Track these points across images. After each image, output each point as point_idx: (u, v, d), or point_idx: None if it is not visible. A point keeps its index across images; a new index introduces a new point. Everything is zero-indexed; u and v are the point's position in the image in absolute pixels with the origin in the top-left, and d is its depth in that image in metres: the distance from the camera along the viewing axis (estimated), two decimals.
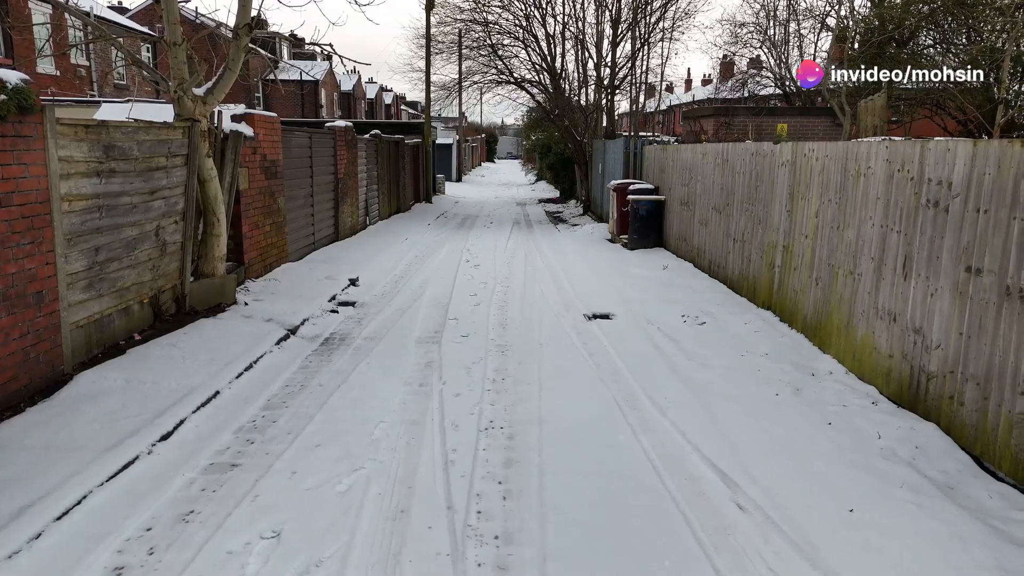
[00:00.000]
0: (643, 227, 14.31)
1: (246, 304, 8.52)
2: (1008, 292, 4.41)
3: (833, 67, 18.09)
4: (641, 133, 31.40)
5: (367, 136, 18.30)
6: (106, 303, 6.35)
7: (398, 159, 22.62)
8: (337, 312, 8.94)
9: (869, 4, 19.55)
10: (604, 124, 22.96)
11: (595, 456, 4.78)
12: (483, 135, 78.71)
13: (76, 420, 5.06)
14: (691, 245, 12.27)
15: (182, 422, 5.23)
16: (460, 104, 34.18)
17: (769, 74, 22.80)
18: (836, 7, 18.96)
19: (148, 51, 31.43)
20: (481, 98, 31.93)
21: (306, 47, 50.88)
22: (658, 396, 5.99)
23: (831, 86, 18.64)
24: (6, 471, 4.30)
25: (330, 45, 9.40)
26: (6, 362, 5.10)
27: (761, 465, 4.62)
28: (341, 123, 15.16)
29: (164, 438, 4.95)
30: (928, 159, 5.30)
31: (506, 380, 6.32)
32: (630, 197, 14.48)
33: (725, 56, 56.04)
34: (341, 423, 5.32)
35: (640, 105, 25.32)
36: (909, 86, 17.69)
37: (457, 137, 46.48)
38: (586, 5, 22.08)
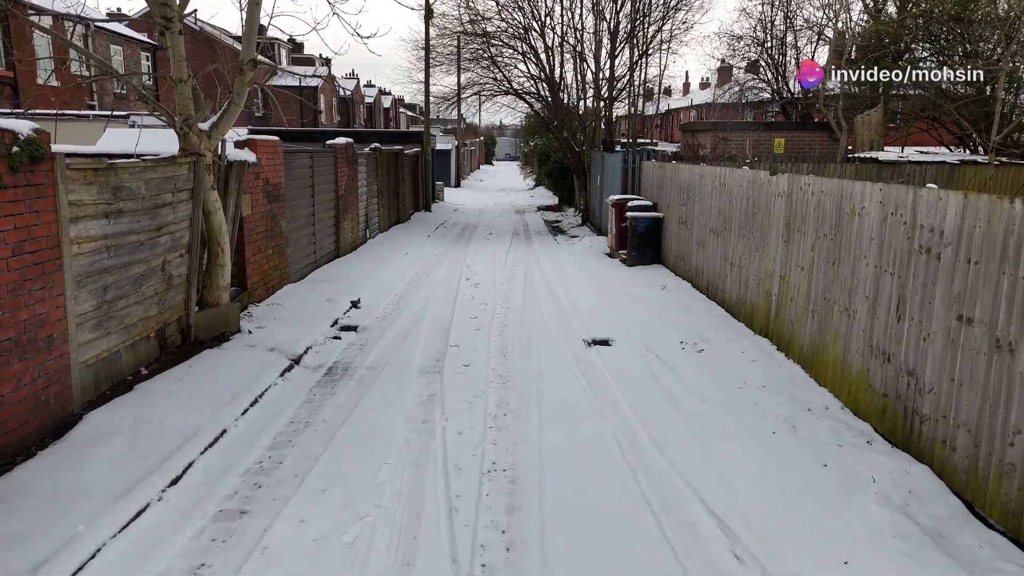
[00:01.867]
0: (641, 244, 14.42)
1: (250, 332, 8.63)
2: (998, 345, 4.52)
3: (832, 67, 18.24)
4: (640, 140, 31.57)
5: (367, 150, 18.41)
6: (114, 340, 6.46)
7: (397, 170, 22.72)
8: (340, 338, 9.05)
9: (866, 17, 19.69)
10: (603, 135, 23.10)
11: (595, 501, 4.89)
12: (481, 138, 78.90)
13: (86, 464, 5.16)
14: (689, 265, 12.38)
15: (191, 464, 5.34)
16: (459, 114, 34.26)
17: (766, 84, 22.91)
18: (834, 20, 19.11)
19: (148, 60, 31.54)
20: (480, 106, 31.93)
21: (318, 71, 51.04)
22: (657, 432, 6.10)
23: (829, 91, 18.80)
24: (19, 521, 4.40)
25: (343, 71, 9.47)
26: (18, 407, 5.20)
27: (758, 511, 4.73)
28: (341, 140, 15.27)
29: (173, 483, 5.05)
30: (920, 206, 5.41)
31: (507, 416, 6.43)
32: (629, 214, 14.59)
33: (723, 60, 56.05)
34: (346, 464, 5.42)
35: (638, 117, 25.46)
36: (908, 86, 17.83)
37: (456, 142, 46.60)
38: (584, 17, 22.12)
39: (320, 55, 61.53)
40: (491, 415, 6.44)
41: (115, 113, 18.43)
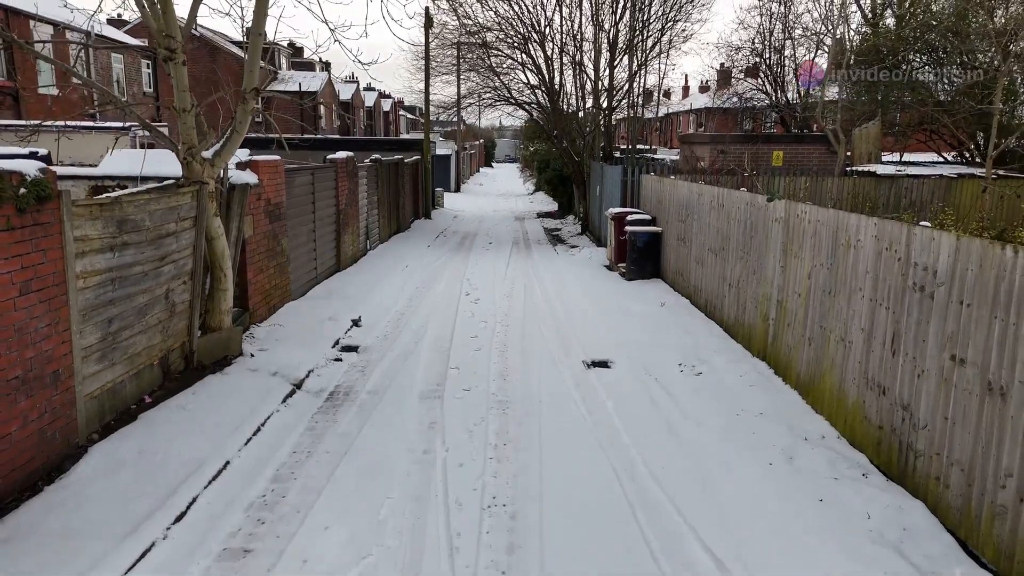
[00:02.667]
0: (640, 258, 14.49)
1: (252, 355, 8.70)
2: (990, 388, 4.59)
3: (831, 76, 18.31)
4: (639, 147, 31.63)
5: (367, 161, 18.49)
6: (118, 370, 6.53)
7: (398, 179, 22.81)
8: (341, 360, 9.11)
9: (866, 29, 19.75)
10: (602, 144, 23.19)
11: (595, 540, 4.96)
12: (481, 140, 78.94)
13: (92, 500, 5.23)
14: (688, 281, 12.45)
15: (195, 499, 5.41)
16: (459, 122, 34.32)
17: (765, 96, 22.98)
18: (833, 31, 19.18)
19: (148, 67, 31.61)
20: (480, 114, 31.97)
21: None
22: (655, 464, 6.17)
23: (829, 99, 18.86)
24: (28, 564, 4.47)
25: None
26: (24, 444, 5.28)
27: (756, 551, 4.80)
28: (342, 154, 15.35)
29: (178, 519, 5.12)
30: (914, 244, 5.49)
31: (507, 446, 6.50)
32: (628, 228, 14.67)
33: (722, 65, 56.19)
34: (348, 499, 5.49)
35: (638, 124, 25.53)
36: (904, 92, 17.91)
37: (456, 147, 46.70)
38: (584, 27, 22.20)
39: (320, 58, 61.60)
40: (491, 445, 6.52)
41: (117, 125, 18.49)
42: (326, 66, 58.22)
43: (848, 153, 17.31)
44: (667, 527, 5.14)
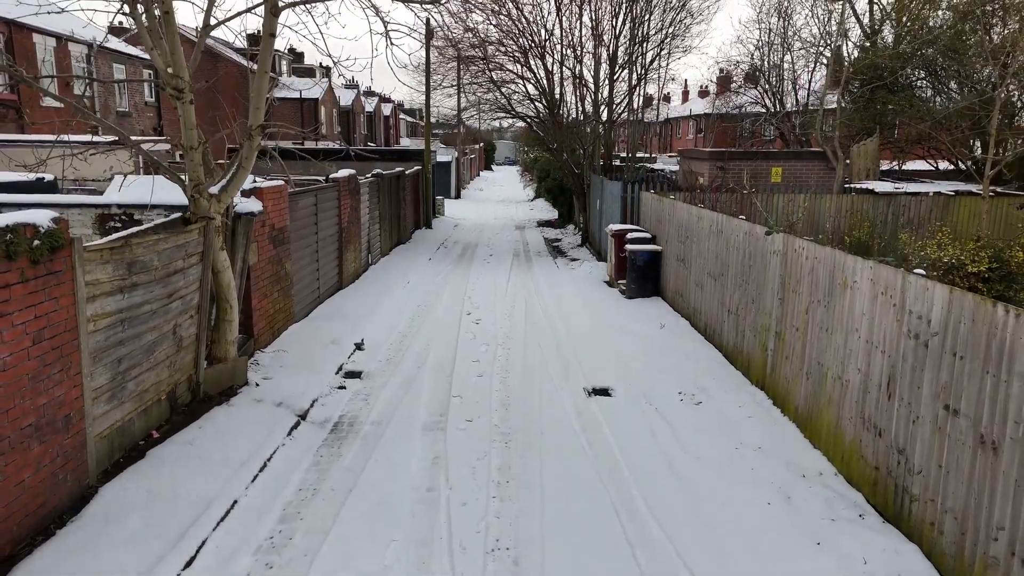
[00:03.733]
0: (640, 277, 14.60)
1: (257, 385, 8.81)
2: (982, 441, 4.71)
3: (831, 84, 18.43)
4: (639, 155, 31.72)
5: (369, 176, 18.60)
6: (127, 408, 6.64)
7: (399, 191, 22.93)
8: (345, 388, 9.22)
9: (866, 42, 19.86)
10: (602, 153, 23.33)
11: None
12: (481, 144, 79.04)
13: (103, 546, 5.33)
14: (687, 302, 12.56)
15: (204, 542, 5.51)
16: (459, 132, 34.46)
17: (764, 107, 23.10)
18: (832, 46, 19.28)
19: (150, 76, 31.69)
20: (480, 123, 32.08)
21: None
22: (655, 501, 6.29)
23: (827, 110, 18.97)
24: None
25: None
26: (37, 488, 5.38)
27: None
28: (344, 172, 15.46)
29: (188, 564, 5.23)
30: (909, 292, 5.60)
31: (510, 483, 6.60)
32: (628, 247, 14.78)
33: (722, 71, 56.21)
34: (354, 541, 5.60)
35: (638, 131, 25.66)
36: (904, 110, 18.05)
37: (456, 154, 46.84)
38: (584, 41, 22.32)
39: (320, 64, 61.66)
40: (494, 482, 6.62)
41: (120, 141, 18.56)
42: (327, 71, 58.37)
43: (847, 164, 17.42)
44: (666, 570, 5.25)
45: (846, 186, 16.89)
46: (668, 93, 59.85)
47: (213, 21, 7.89)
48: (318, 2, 7.64)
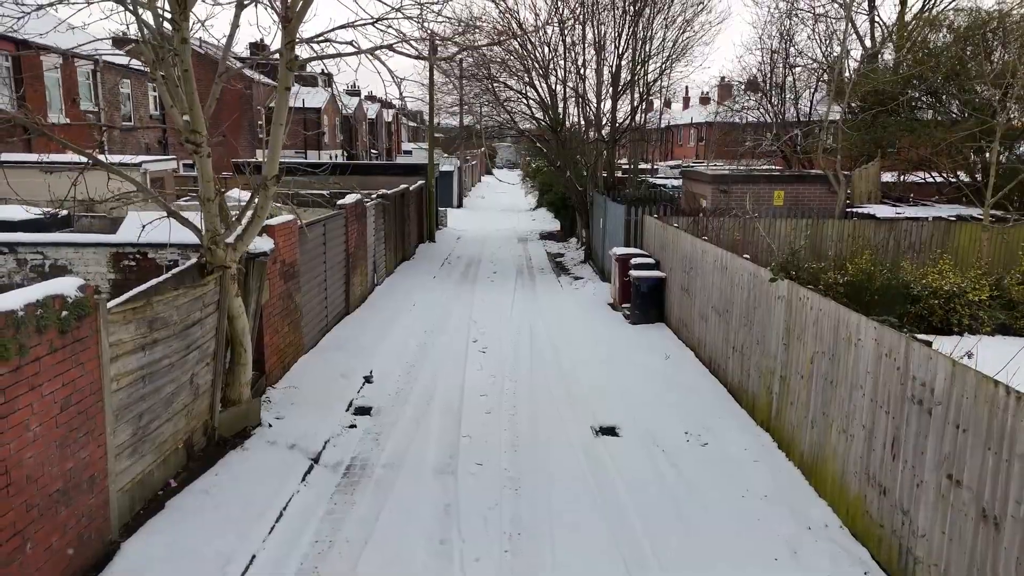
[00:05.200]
0: (644, 303, 14.76)
1: (270, 425, 8.95)
2: (984, 515, 4.85)
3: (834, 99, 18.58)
4: (640, 166, 31.82)
5: (375, 197, 18.75)
6: (147, 460, 6.78)
7: (403, 209, 23.10)
8: (355, 426, 9.35)
9: (865, 67, 20.00)
10: (604, 172, 23.51)
11: None
12: (483, 148, 79.19)
13: None
14: (691, 333, 12.71)
15: None
16: (462, 148, 34.60)
17: (767, 128, 23.25)
18: (836, 67, 19.43)
19: (154, 91, 31.85)
20: (483, 136, 32.24)
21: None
22: (664, 552, 6.44)
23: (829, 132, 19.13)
24: None
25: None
26: (63, 551, 5.52)
27: None
28: (351, 198, 15.62)
29: None
30: (912, 358, 5.75)
31: (521, 535, 6.74)
32: (632, 273, 14.93)
33: (723, 78, 56.17)
34: None
35: (640, 146, 25.81)
36: (904, 130, 18.21)
37: (458, 163, 47.04)
38: (587, 61, 22.49)
39: (323, 71, 61.78)
40: (506, 534, 6.76)
41: (125, 162, 18.74)
42: (328, 78, 58.47)
43: (848, 193, 17.58)
44: None
45: (848, 210, 17.05)
46: (669, 98, 60.12)
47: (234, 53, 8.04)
48: (333, 58, 7.79)
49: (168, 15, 7.06)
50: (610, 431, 9.28)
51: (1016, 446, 4.55)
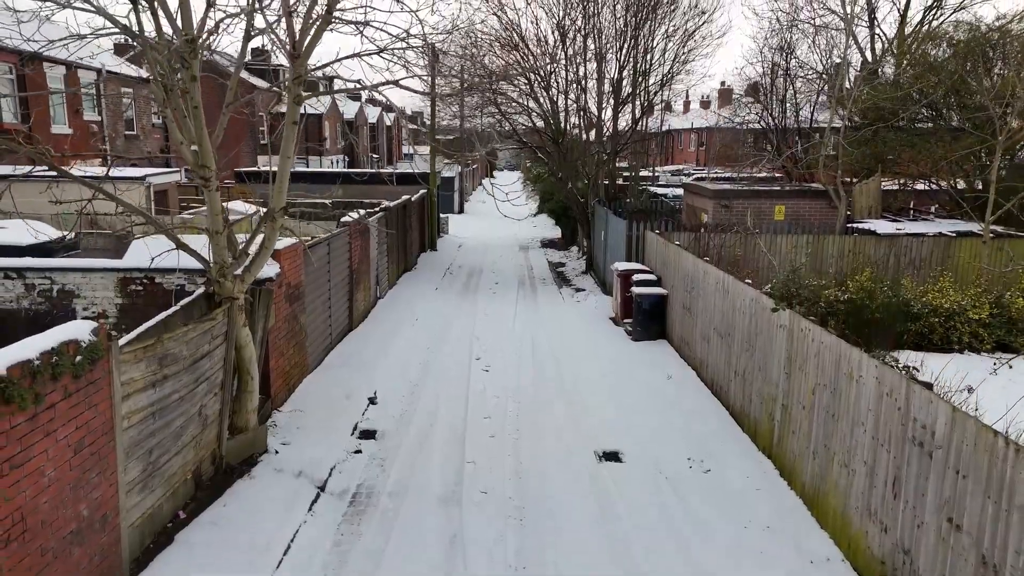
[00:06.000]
0: (646, 320, 14.83)
1: (276, 452, 9.03)
2: (984, 561, 4.93)
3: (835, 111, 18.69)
4: (641, 175, 31.87)
5: (378, 212, 18.84)
6: (157, 495, 6.87)
7: (406, 220, 23.20)
8: (360, 452, 9.42)
9: (869, 76, 20.06)
10: (606, 182, 23.62)
11: None
12: (483, 153, 79.34)
13: None
14: (693, 352, 12.79)
15: None
16: (463, 160, 34.63)
17: (768, 141, 23.35)
18: (836, 83, 19.51)
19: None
20: (484, 144, 32.31)
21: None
22: None
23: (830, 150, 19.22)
24: None
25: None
26: None
27: None
28: (353, 215, 15.69)
29: None
30: (913, 400, 5.83)
31: (527, 569, 6.83)
32: (634, 289, 15.02)
33: (723, 83, 55.86)
34: None
35: (640, 158, 25.90)
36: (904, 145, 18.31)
37: (460, 169, 47.14)
38: (589, 74, 22.59)
39: (323, 75, 61.84)
40: (511, 567, 6.85)
41: (128, 176, 18.84)
42: (329, 82, 58.54)
43: (849, 209, 17.67)
44: None
45: (848, 225, 17.13)
46: (670, 103, 60.19)
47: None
48: (340, 93, 7.87)
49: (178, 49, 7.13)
50: (613, 456, 9.36)
51: (1015, 497, 4.63)
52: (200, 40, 6.74)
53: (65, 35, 7.85)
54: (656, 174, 39.00)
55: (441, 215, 34.19)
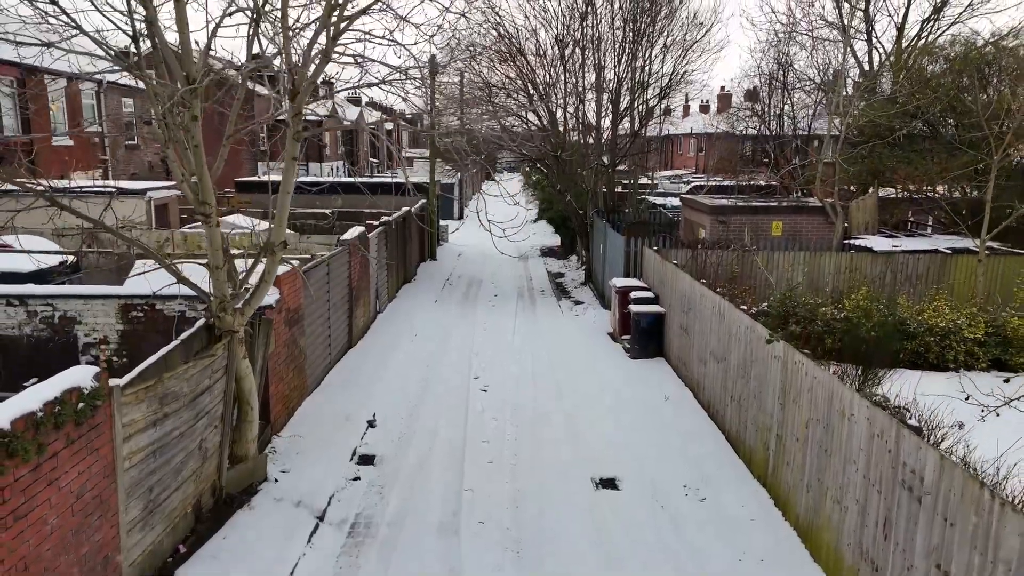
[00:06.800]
0: (644, 338, 14.92)
1: (276, 480, 9.12)
2: None
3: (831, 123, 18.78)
4: (641, 180, 31.91)
5: (378, 227, 18.92)
6: (158, 531, 6.95)
7: (406, 232, 23.29)
8: (359, 478, 9.51)
9: (866, 89, 20.14)
10: (605, 190, 23.72)
11: None
12: (483, 155, 79.50)
13: None
14: (690, 372, 12.88)
15: None
16: (461, 179, 34.70)
17: (765, 154, 23.45)
18: (831, 100, 19.59)
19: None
20: (483, 152, 32.39)
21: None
22: None
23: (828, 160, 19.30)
24: None
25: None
26: None
27: None
28: (354, 231, 15.78)
29: None
30: (903, 444, 5.91)
31: None
32: (632, 307, 15.11)
33: (723, 87, 55.93)
34: None
35: (637, 173, 25.98)
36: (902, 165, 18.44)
37: (460, 175, 47.23)
38: (588, 87, 22.68)
39: (324, 80, 61.94)
40: None
41: (129, 190, 18.94)
42: (329, 86, 58.61)
43: (846, 224, 17.76)
44: None
45: (845, 242, 17.21)
46: (669, 106, 60.33)
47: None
48: (339, 129, 7.95)
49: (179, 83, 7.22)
50: (610, 483, 9.45)
51: (1000, 551, 4.71)
52: (200, 84, 6.82)
53: (68, 49, 7.88)
54: (655, 181, 39.05)
55: (441, 222, 34.30)
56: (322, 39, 7.63)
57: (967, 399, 8.56)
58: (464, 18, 12.23)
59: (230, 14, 7.06)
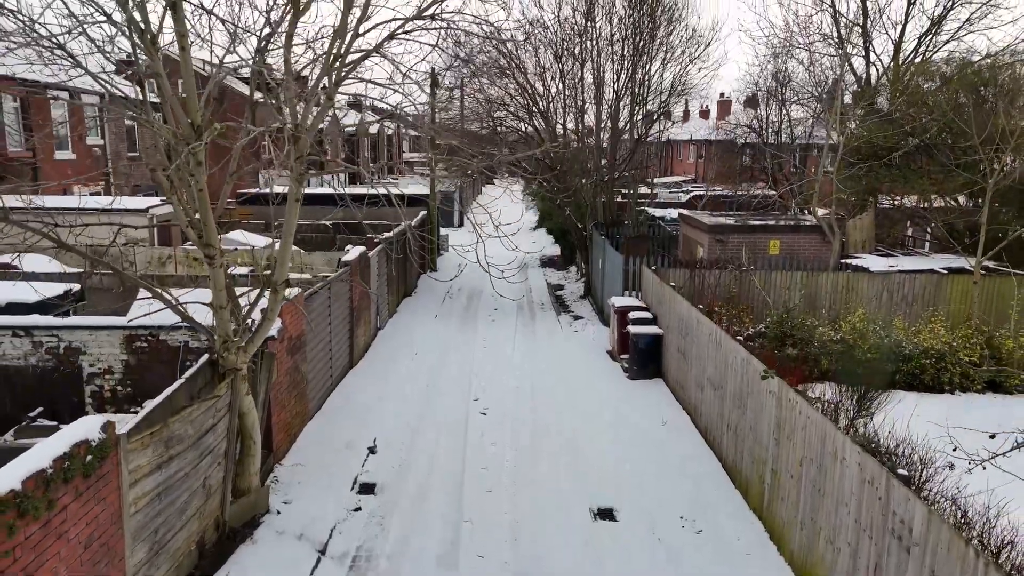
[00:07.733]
0: (643, 358, 15.05)
1: (278, 512, 9.25)
2: None
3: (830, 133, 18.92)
4: (641, 189, 32.03)
5: (378, 244, 19.05)
6: (163, 570, 7.08)
7: (406, 244, 23.40)
8: (360, 509, 9.64)
9: (864, 102, 20.27)
10: (604, 200, 23.88)
11: None
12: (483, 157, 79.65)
13: None
14: (688, 396, 13.00)
15: None
16: (461, 190, 34.78)
17: (764, 172, 23.59)
18: (829, 118, 19.73)
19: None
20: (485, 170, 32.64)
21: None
22: None
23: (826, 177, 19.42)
24: None
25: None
26: None
27: None
28: (355, 252, 15.92)
29: None
30: (893, 493, 6.04)
31: None
32: (631, 328, 15.24)
33: (722, 94, 56.06)
34: None
35: (635, 186, 26.10)
36: (899, 183, 18.61)
37: (460, 182, 47.34)
38: (587, 102, 22.81)
39: (324, 84, 62.19)
40: None
41: (131, 208, 19.07)
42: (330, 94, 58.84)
43: (843, 242, 17.89)
44: None
45: (842, 261, 17.34)
46: (668, 110, 60.42)
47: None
48: (340, 170, 8.09)
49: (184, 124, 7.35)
50: (608, 514, 9.58)
51: None
52: (205, 139, 6.95)
53: (74, 89, 8.04)
54: (654, 191, 39.17)
55: (441, 231, 34.41)
56: (325, 81, 7.76)
57: (992, 436, 7.77)
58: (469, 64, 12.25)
59: (234, 69, 7.19)
